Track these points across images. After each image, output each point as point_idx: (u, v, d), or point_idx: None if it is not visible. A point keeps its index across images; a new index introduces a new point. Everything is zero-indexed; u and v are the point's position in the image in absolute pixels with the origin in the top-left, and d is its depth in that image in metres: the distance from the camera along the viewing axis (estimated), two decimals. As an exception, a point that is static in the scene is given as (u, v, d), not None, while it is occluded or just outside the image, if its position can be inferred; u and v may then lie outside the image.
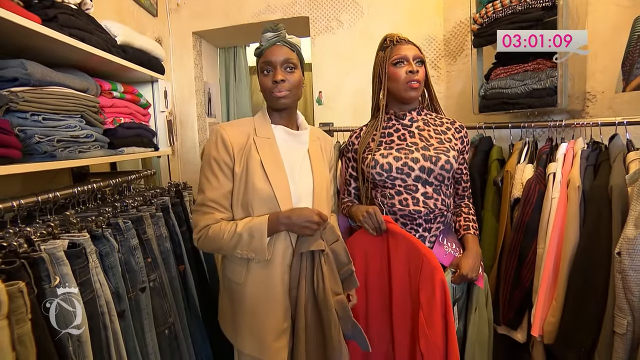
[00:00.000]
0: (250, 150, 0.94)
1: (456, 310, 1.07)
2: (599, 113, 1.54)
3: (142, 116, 1.47)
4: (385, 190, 1.12)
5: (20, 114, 0.88)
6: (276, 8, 2.10)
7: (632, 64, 1.11)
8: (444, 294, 0.94)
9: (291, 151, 0.99)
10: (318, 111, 2.11)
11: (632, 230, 0.93)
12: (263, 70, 0.96)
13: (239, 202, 0.94)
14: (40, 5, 0.95)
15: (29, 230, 0.80)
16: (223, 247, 0.93)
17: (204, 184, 0.95)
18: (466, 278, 1.02)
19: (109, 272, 0.93)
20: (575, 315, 1.08)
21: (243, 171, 0.93)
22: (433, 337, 0.94)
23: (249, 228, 0.89)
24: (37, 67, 0.91)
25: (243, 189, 0.93)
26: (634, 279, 0.92)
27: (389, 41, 1.16)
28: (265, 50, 0.96)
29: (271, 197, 0.92)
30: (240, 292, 0.97)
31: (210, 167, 0.94)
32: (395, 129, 1.15)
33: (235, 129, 0.97)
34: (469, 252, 1.07)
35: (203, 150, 0.99)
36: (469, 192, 1.21)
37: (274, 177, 0.93)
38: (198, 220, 0.95)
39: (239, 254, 0.92)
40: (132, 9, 1.90)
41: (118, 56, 1.22)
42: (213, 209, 0.94)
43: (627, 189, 1.02)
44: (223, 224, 0.92)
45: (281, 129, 1.00)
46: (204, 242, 0.95)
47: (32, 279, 0.70)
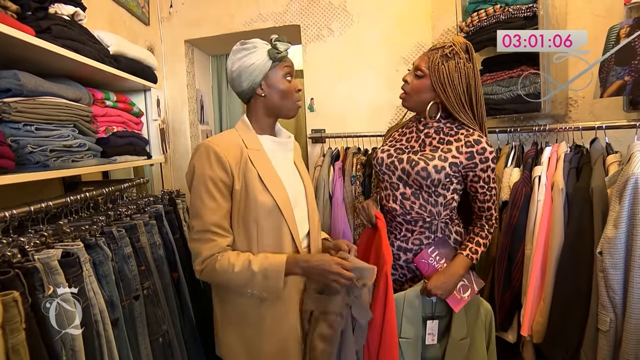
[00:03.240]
0: (247, 164, 0.90)
1: (435, 325, 1.08)
2: (581, 117, 1.59)
3: (135, 125, 1.48)
4: (381, 183, 1.20)
5: (13, 125, 0.89)
6: (268, 17, 2.14)
7: (608, 72, 1.16)
8: (386, 284, 0.98)
9: (280, 160, 0.98)
10: (310, 118, 2.14)
11: (612, 230, 0.97)
12: (287, 76, 0.94)
13: (239, 220, 0.89)
14: (33, 17, 0.96)
15: (23, 240, 0.81)
16: (231, 282, 0.87)
17: (200, 208, 0.86)
18: (430, 293, 1.03)
19: (103, 281, 0.94)
20: (561, 314, 1.11)
21: (242, 187, 0.88)
22: (375, 319, 1.00)
23: (264, 270, 0.84)
24: (30, 78, 0.92)
25: (244, 205, 0.88)
26: (615, 277, 0.95)
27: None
28: (286, 58, 0.95)
29: (274, 208, 0.89)
30: (256, 332, 0.91)
31: (206, 188, 0.86)
32: (410, 131, 1.18)
33: (225, 143, 0.90)
34: (445, 270, 1.06)
35: (191, 169, 0.89)
36: (487, 213, 1.11)
37: (273, 188, 0.90)
38: (200, 249, 0.86)
39: (248, 292, 0.87)
40: (125, 18, 1.91)
41: (111, 66, 1.24)
42: (216, 235, 0.86)
43: (606, 191, 1.06)
44: (232, 256, 0.86)
45: (268, 139, 0.97)
46: (209, 274, 0.87)
47: (26, 289, 0.70)
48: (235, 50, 0.94)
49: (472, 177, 1.08)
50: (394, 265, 1.16)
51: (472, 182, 1.09)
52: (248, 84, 0.93)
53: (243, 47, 0.93)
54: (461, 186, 1.12)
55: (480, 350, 1.08)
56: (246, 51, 0.92)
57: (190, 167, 0.90)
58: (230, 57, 0.95)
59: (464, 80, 1.04)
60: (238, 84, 0.94)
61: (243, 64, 0.92)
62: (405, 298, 1.05)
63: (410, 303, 1.05)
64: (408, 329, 1.05)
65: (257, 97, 0.95)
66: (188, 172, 0.91)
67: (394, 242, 1.15)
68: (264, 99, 0.95)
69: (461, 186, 1.12)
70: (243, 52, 0.92)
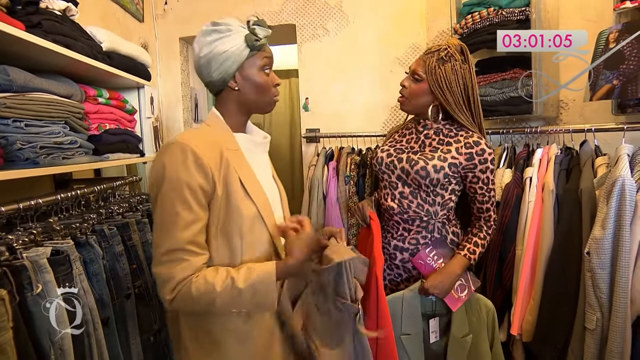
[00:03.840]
0: (228, 167, 0.76)
1: (437, 323, 1.10)
2: (572, 120, 1.62)
3: (128, 122, 1.47)
4: (380, 182, 1.21)
5: (2, 121, 0.87)
6: (263, 15, 2.13)
7: (597, 76, 1.18)
8: (376, 283, 1.00)
9: (258, 162, 0.85)
10: (305, 117, 2.14)
11: (599, 230, 0.99)
12: (265, 68, 0.80)
13: (218, 233, 0.75)
14: (24, 12, 0.94)
15: (11, 238, 0.79)
16: (213, 305, 0.71)
17: (173, 221, 0.70)
18: (427, 292, 1.04)
19: (93, 279, 0.93)
20: (550, 312, 1.13)
21: (223, 194, 0.74)
22: (369, 320, 1.00)
23: (252, 284, 0.71)
24: (19, 73, 0.90)
25: (224, 215, 0.75)
26: (602, 277, 0.97)
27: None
28: (266, 46, 0.81)
29: (257, 217, 0.78)
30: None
31: (181, 197, 0.70)
32: (410, 132, 1.20)
33: (203, 142, 0.75)
34: (442, 269, 1.07)
35: (159, 173, 0.71)
36: (486, 215, 1.13)
37: (255, 194, 0.78)
38: (171, 273, 0.69)
39: (234, 311, 0.75)
40: (118, 15, 1.89)
41: (104, 62, 1.22)
42: (190, 254, 0.70)
43: (595, 192, 1.08)
44: (208, 274, 0.71)
45: (243, 138, 0.84)
46: (183, 301, 0.70)
47: (14, 287, 0.69)
48: (205, 32, 0.78)
49: (472, 178, 1.09)
50: (390, 265, 1.18)
51: (471, 183, 1.10)
52: (219, 75, 0.78)
53: (215, 29, 0.78)
54: (459, 187, 1.13)
55: (484, 348, 1.10)
56: (219, 34, 0.77)
57: (157, 171, 0.72)
58: (198, 39, 0.79)
59: (461, 82, 1.06)
60: (207, 74, 0.79)
61: (214, 50, 0.77)
62: (404, 297, 1.07)
63: (409, 302, 1.07)
64: (408, 325, 1.07)
65: (229, 91, 0.81)
66: (154, 176, 0.72)
67: (390, 241, 1.16)
68: (237, 93, 0.81)
69: (459, 187, 1.13)
70: (215, 35, 0.77)
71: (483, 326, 1.10)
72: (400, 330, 1.06)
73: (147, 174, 0.65)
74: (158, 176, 0.72)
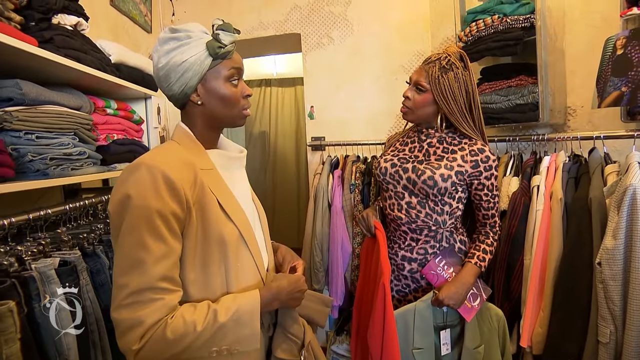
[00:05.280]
0: (203, 189, 0.67)
1: (448, 335, 1.08)
2: (580, 127, 1.60)
3: (135, 132, 1.49)
4: (384, 192, 1.20)
5: (14, 133, 0.89)
6: (268, 25, 2.16)
7: (605, 82, 1.16)
8: (384, 295, 0.99)
9: (234, 179, 0.77)
10: (310, 125, 2.15)
11: (610, 240, 0.97)
12: (232, 78, 0.72)
13: (194, 262, 0.66)
14: (37, 28, 0.97)
15: (20, 249, 0.81)
16: (193, 347, 0.61)
17: (141, 256, 0.60)
18: (442, 303, 1.02)
19: (100, 289, 0.94)
20: (561, 325, 1.10)
21: (198, 221, 0.66)
22: (375, 331, 0.99)
23: (235, 313, 0.64)
24: (31, 87, 0.93)
25: (201, 242, 0.66)
26: (615, 289, 0.95)
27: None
28: (233, 53, 0.73)
29: (238, 239, 0.70)
30: None
31: (150, 227, 0.60)
32: (412, 140, 1.19)
33: (174, 163, 0.65)
34: (455, 279, 1.06)
35: (123, 200, 0.61)
36: (492, 221, 1.14)
37: (235, 215, 0.71)
38: (139, 317, 0.59)
39: (214, 352, 0.64)
40: (127, 27, 1.94)
41: (112, 74, 1.25)
42: (163, 292, 0.61)
43: (605, 201, 1.06)
44: (186, 312, 0.62)
45: (217, 154, 0.75)
46: (153, 349, 0.59)
47: (22, 298, 0.70)
48: (162, 40, 0.69)
49: (477, 185, 1.10)
50: (398, 276, 1.16)
51: (476, 190, 1.11)
52: (179, 88, 0.70)
53: (173, 37, 0.69)
54: (465, 195, 1.13)
55: (496, 358, 1.08)
56: (177, 42, 0.68)
57: (120, 198, 0.61)
58: (156, 48, 0.70)
59: (463, 89, 1.06)
60: (166, 86, 0.71)
61: (172, 61, 0.68)
62: (416, 310, 1.05)
63: (421, 314, 1.05)
64: (420, 340, 1.05)
65: (192, 105, 0.73)
66: (115, 204, 0.62)
67: (397, 251, 1.15)
68: (201, 107, 0.72)
69: (465, 195, 1.13)
70: (172, 44, 0.68)
71: (494, 335, 1.09)
72: (412, 344, 1.04)
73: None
74: (122, 204, 0.61)
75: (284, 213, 3.79)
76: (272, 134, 3.90)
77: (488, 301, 1.33)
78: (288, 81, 3.86)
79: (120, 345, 0.61)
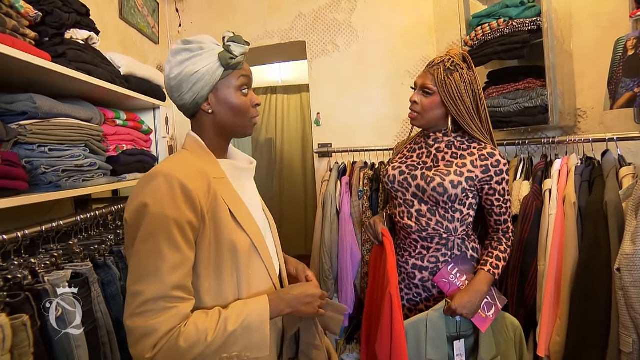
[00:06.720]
0: (216, 198, 0.69)
1: (462, 345, 1.05)
2: (591, 128, 1.57)
3: (144, 142, 1.51)
4: (393, 200, 1.19)
5: (28, 146, 0.91)
6: (274, 33, 2.18)
7: (617, 84, 1.15)
8: (390, 303, 0.97)
9: (245, 190, 0.79)
10: (316, 132, 2.15)
11: (629, 245, 0.94)
12: (242, 88, 0.75)
13: (208, 270, 0.67)
14: (50, 43, 1.00)
15: (33, 262, 0.81)
16: (205, 355, 0.62)
17: (157, 265, 0.61)
18: (455, 312, 0.99)
19: (111, 301, 0.94)
20: (580, 334, 1.07)
21: (211, 229, 0.67)
22: (383, 341, 0.98)
23: (244, 320, 0.65)
24: (45, 101, 0.94)
25: (214, 250, 0.68)
26: (636, 296, 0.92)
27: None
28: (243, 63, 0.75)
29: (250, 247, 0.72)
30: None
31: (168, 235, 0.61)
32: (419, 147, 1.17)
33: (191, 172, 0.67)
34: (468, 288, 1.03)
35: (140, 208, 0.62)
36: (504, 226, 1.10)
37: (246, 223, 0.72)
38: (153, 325, 0.59)
39: (225, 358, 0.64)
40: (135, 39, 1.97)
41: (122, 86, 1.27)
42: (177, 300, 0.62)
43: (621, 204, 1.04)
44: (199, 320, 0.63)
45: (228, 164, 0.77)
46: (168, 355, 0.60)
47: (35, 312, 0.70)
48: (174, 51, 0.72)
49: (488, 190, 1.07)
50: (409, 285, 1.14)
51: (487, 195, 1.08)
52: (191, 97, 0.72)
53: (185, 48, 0.72)
54: (476, 201, 1.10)
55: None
56: (189, 53, 0.71)
57: (136, 205, 0.63)
58: (169, 59, 0.73)
59: (470, 90, 1.06)
60: (178, 96, 0.73)
61: (185, 71, 0.71)
62: (428, 319, 1.02)
63: (434, 324, 1.02)
64: (433, 351, 1.01)
65: (203, 114, 0.75)
66: (132, 213, 0.63)
67: (408, 260, 1.13)
68: (212, 116, 0.75)
69: (476, 201, 1.10)
70: (185, 55, 0.71)
71: (511, 346, 1.05)
72: (425, 356, 1.01)
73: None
74: (138, 213, 0.62)
75: (291, 220, 3.78)
76: (278, 141, 3.91)
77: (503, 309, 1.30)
78: (293, 88, 3.88)
79: (133, 353, 0.61)
